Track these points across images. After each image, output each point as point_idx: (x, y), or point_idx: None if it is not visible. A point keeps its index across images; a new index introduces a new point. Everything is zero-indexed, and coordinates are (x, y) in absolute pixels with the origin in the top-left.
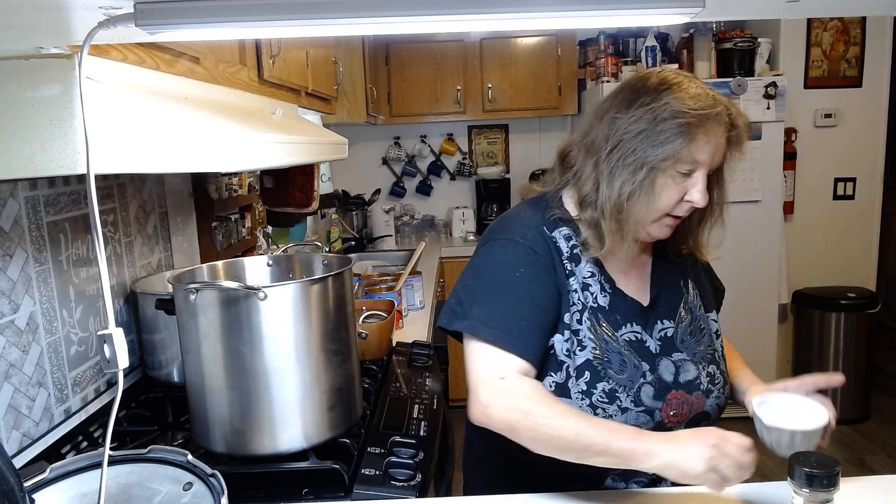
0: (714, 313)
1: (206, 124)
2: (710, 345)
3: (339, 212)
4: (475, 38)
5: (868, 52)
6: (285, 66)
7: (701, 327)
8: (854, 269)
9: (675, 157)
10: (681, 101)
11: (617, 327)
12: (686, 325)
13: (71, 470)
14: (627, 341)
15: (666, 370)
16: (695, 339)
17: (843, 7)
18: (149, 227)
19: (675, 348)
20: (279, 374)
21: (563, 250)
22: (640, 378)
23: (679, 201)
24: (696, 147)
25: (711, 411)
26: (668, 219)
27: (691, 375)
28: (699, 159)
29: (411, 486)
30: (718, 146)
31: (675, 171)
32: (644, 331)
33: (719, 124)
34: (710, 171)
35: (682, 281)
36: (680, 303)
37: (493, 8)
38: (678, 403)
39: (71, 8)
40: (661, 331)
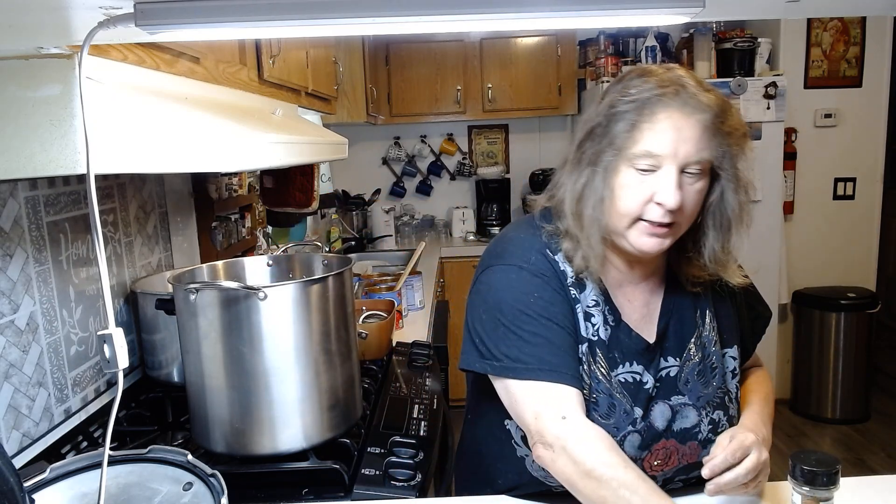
0: (734, 349)
1: (205, 124)
2: (721, 386)
3: (339, 212)
4: (475, 38)
5: (868, 52)
6: (285, 66)
7: (713, 366)
8: (854, 269)
9: (623, 151)
10: (626, 89)
11: (614, 366)
12: (695, 364)
13: (71, 470)
14: (622, 382)
15: (660, 416)
16: (703, 381)
17: (843, 7)
18: (149, 227)
19: (676, 390)
20: (279, 374)
21: (568, 274)
22: (627, 426)
23: (647, 202)
24: (644, 137)
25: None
26: (642, 224)
27: (689, 423)
28: (654, 150)
29: (411, 486)
30: (686, 135)
31: (633, 168)
32: (645, 371)
33: (682, 108)
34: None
35: (698, 311)
36: (691, 338)
37: (493, 8)
38: (665, 453)
39: (71, 8)
40: (661, 369)
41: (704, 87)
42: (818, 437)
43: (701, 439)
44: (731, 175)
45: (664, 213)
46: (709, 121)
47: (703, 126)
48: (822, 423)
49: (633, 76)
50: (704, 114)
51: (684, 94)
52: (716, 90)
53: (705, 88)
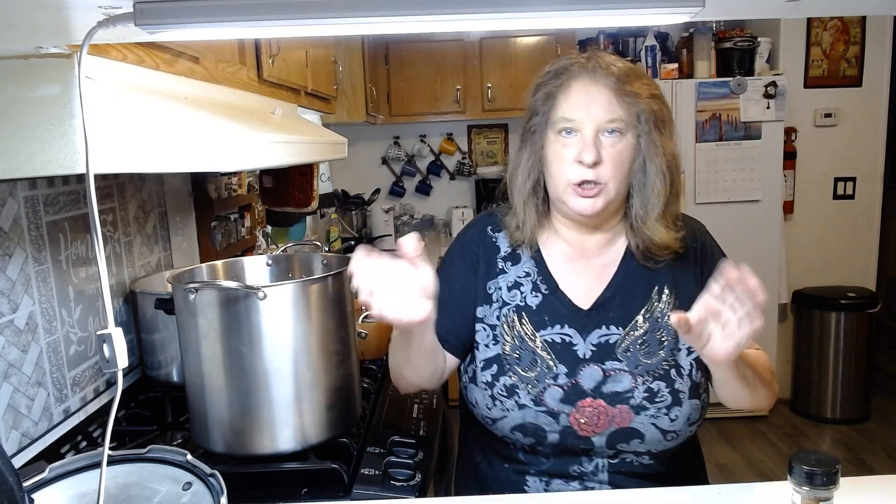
0: None
1: (205, 124)
2: (669, 359)
3: (339, 211)
4: (475, 38)
5: (868, 52)
6: (285, 66)
7: (661, 339)
8: (854, 268)
9: (547, 121)
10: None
11: (541, 327)
12: (639, 335)
13: (70, 470)
14: (548, 342)
15: (589, 377)
16: (645, 351)
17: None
18: (148, 227)
19: (613, 356)
20: (279, 374)
21: (503, 249)
22: (547, 379)
23: (573, 164)
24: (560, 105)
25: (645, 431)
26: (575, 188)
27: (621, 387)
28: (569, 115)
29: (411, 486)
30: (595, 98)
31: (557, 134)
32: (579, 334)
33: (591, 76)
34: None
35: (655, 287)
36: (640, 310)
37: (493, 8)
38: (593, 413)
39: (70, 7)
40: (600, 336)
41: (614, 58)
42: (818, 437)
43: (633, 404)
44: (649, 141)
45: (587, 171)
46: (614, 84)
47: (611, 89)
48: (822, 423)
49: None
50: (609, 78)
51: (592, 63)
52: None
53: (613, 61)
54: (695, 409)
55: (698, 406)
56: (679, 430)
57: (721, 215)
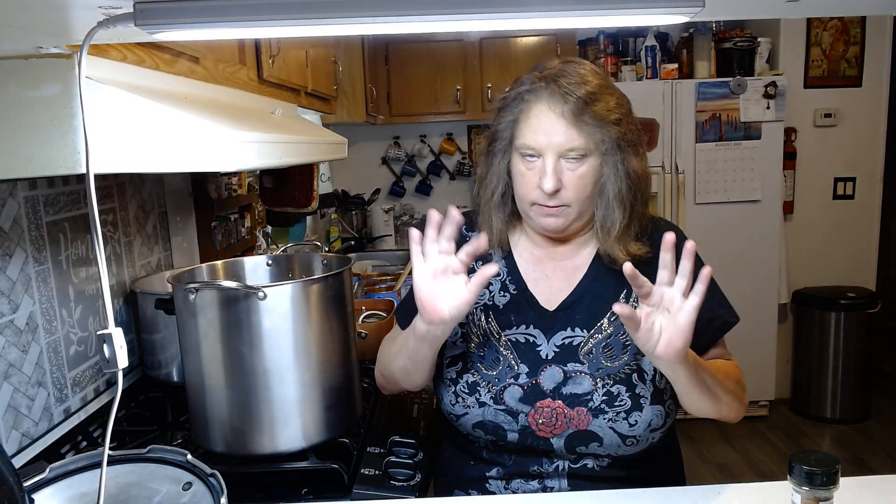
0: None
1: (205, 124)
2: (631, 364)
3: (339, 212)
4: (475, 38)
5: (868, 52)
6: (285, 66)
7: (625, 343)
8: (854, 268)
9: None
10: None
11: (507, 326)
12: (603, 338)
13: (70, 470)
14: (512, 342)
15: (549, 377)
16: (608, 354)
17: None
18: (148, 227)
19: (575, 358)
20: (279, 374)
21: None
22: (508, 378)
23: (536, 187)
24: (522, 131)
25: (603, 434)
26: (538, 207)
27: (580, 389)
28: (530, 143)
29: (411, 486)
30: (555, 128)
31: (519, 156)
32: (543, 334)
33: (549, 103)
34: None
35: (622, 291)
36: (605, 314)
37: (493, 8)
38: (550, 413)
39: (70, 8)
40: (564, 338)
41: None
42: (818, 436)
43: (592, 407)
44: (611, 165)
45: (547, 196)
46: (574, 111)
47: (570, 117)
48: (821, 423)
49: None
50: (567, 105)
51: (552, 88)
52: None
53: (577, 81)
54: (657, 415)
55: (661, 412)
56: (639, 436)
57: (721, 215)
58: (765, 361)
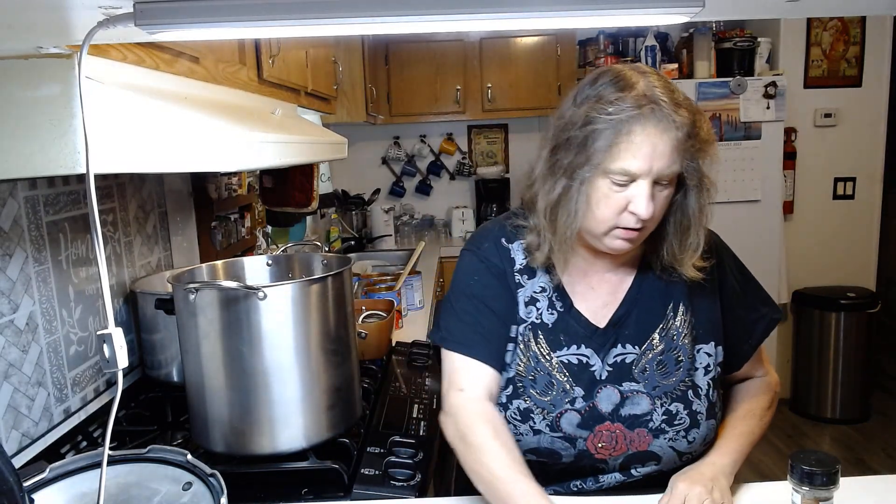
0: (711, 345)
1: (205, 124)
2: (686, 380)
3: (339, 211)
4: (475, 38)
5: (868, 52)
6: (285, 66)
7: (678, 359)
8: (854, 268)
9: (601, 166)
10: (602, 104)
11: (557, 347)
12: (656, 355)
13: (70, 470)
14: (564, 363)
15: (606, 399)
16: (662, 371)
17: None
18: (148, 227)
19: (630, 377)
20: (279, 374)
21: (517, 262)
22: (564, 403)
23: (623, 211)
24: (622, 155)
25: (662, 454)
26: (618, 231)
27: (639, 410)
28: (631, 169)
29: (411, 486)
30: (660, 151)
31: (609, 180)
32: (596, 354)
33: (657, 126)
34: (661, 179)
35: (670, 303)
36: (656, 328)
37: (493, 8)
38: (610, 437)
39: (70, 8)
40: (617, 356)
41: (676, 99)
42: (818, 436)
43: (652, 428)
44: (696, 179)
45: (637, 221)
46: (682, 138)
47: (676, 142)
48: (821, 423)
49: (607, 83)
50: (679, 131)
51: (659, 112)
52: (687, 99)
53: (676, 103)
54: (711, 430)
55: (714, 426)
56: (695, 451)
57: (721, 215)
58: None
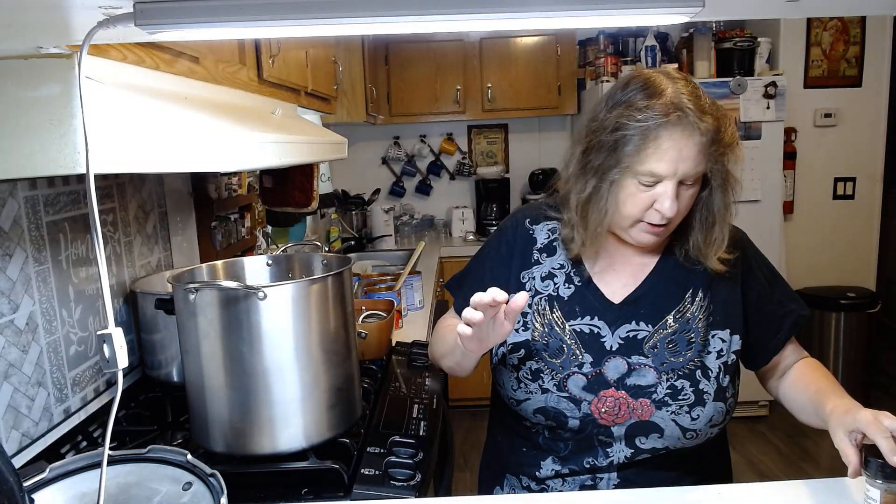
0: (727, 332)
1: (205, 124)
2: (695, 360)
3: (339, 211)
4: (475, 38)
5: (868, 52)
6: (285, 66)
7: (690, 339)
8: (854, 268)
9: (629, 168)
10: (631, 111)
11: (571, 317)
12: (669, 334)
13: (70, 470)
14: (577, 332)
15: (613, 368)
16: (672, 349)
17: (843, 7)
18: (148, 227)
19: (640, 352)
20: (279, 374)
21: (539, 241)
22: (573, 366)
23: (648, 208)
24: (649, 159)
25: (664, 426)
26: (643, 225)
27: (645, 381)
28: (658, 171)
29: (411, 486)
30: (685, 155)
31: (637, 181)
32: (608, 327)
33: (683, 132)
34: (686, 179)
35: (689, 288)
36: (671, 310)
37: (493, 8)
38: (614, 403)
39: (70, 8)
40: (629, 331)
41: (702, 106)
42: (818, 436)
43: (655, 399)
44: (721, 178)
45: (662, 218)
46: (706, 143)
47: (701, 147)
48: None
49: (637, 90)
50: (704, 137)
51: (685, 119)
52: (714, 104)
53: (702, 109)
54: (718, 412)
55: (723, 409)
56: (699, 430)
57: None
58: None
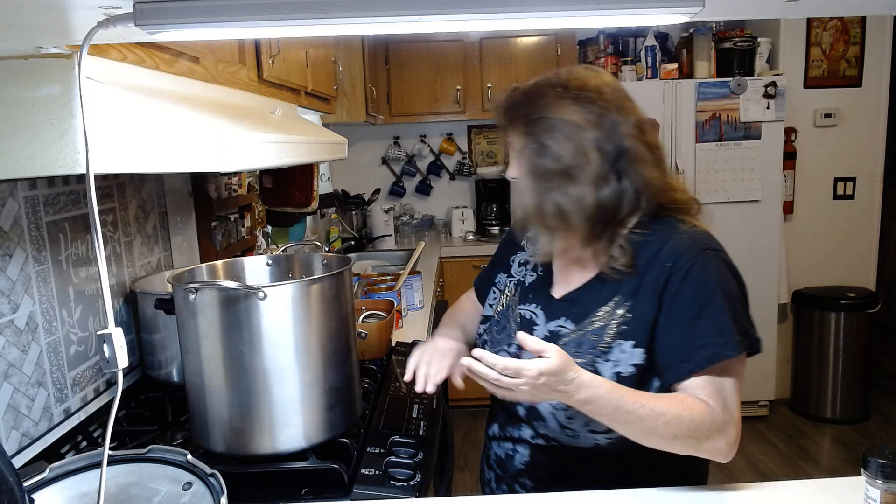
0: (630, 344)
1: (205, 124)
2: (590, 364)
3: (339, 211)
4: (475, 38)
5: (868, 52)
6: (285, 66)
7: (594, 342)
8: (854, 268)
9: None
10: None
11: (523, 301)
12: (580, 335)
13: (70, 470)
14: (521, 316)
15: (528, 355)
16: (576, 349)
17: (843, 7)
18: (148, 227)
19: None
20: (279, 374)
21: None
22: (504, 344)
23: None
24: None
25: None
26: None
27: None
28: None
29: (411, 486)
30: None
31: None
32: (544, 318)
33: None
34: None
35: (617, 295)
36: (596, 312)
37: (493, 8)
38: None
39: (70, 8)
40: (558, 326)
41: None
42: (818, 436)
43: None
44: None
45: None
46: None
47: (510, 146)
48: (822, 423)
49: None
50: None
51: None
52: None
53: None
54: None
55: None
56: (577, 431)
57: (721, 215)
58: (765, 361)
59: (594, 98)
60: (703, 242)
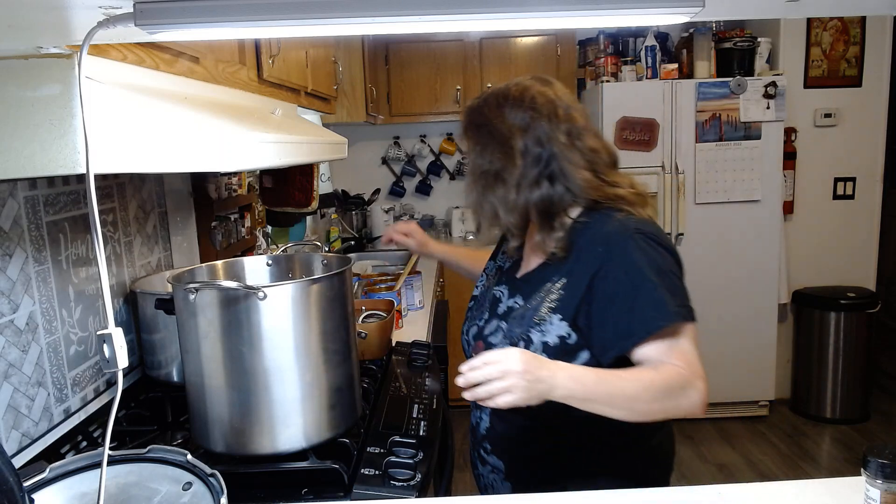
0: (557, 316)
1: (205, 124)
2: (524, 333)
3: (339, 211)
4: (475, 38)
5: (868, 52)
6: (285, 66)
7: (532, 317)
8: (854, 268)
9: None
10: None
11: (498, 283)
12: (524, 310)
13: (70, 470)
14: (494, 295)
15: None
16: (518, 320)
17: (843, 7)
18: (148, 227)
19: (508, 318)
20: (279, 374)
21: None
22: (475, 319)
23: None
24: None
25: None
26: None
27: (495, 341)
28: None
29: (411, 486)
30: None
31: None
32: (507, 295)
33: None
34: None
35: (553, 276)
36: (537, 291)
37: (493, 8)
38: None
39: (70, 8)
40: (514, 301)
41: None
42: (818, 436)
43: None
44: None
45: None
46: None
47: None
48: (822, 423)
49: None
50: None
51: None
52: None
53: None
54: None
55: None
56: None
57: (721, 215)
58: (765, 361)
59: (527, 107)
60: (634, 227)
